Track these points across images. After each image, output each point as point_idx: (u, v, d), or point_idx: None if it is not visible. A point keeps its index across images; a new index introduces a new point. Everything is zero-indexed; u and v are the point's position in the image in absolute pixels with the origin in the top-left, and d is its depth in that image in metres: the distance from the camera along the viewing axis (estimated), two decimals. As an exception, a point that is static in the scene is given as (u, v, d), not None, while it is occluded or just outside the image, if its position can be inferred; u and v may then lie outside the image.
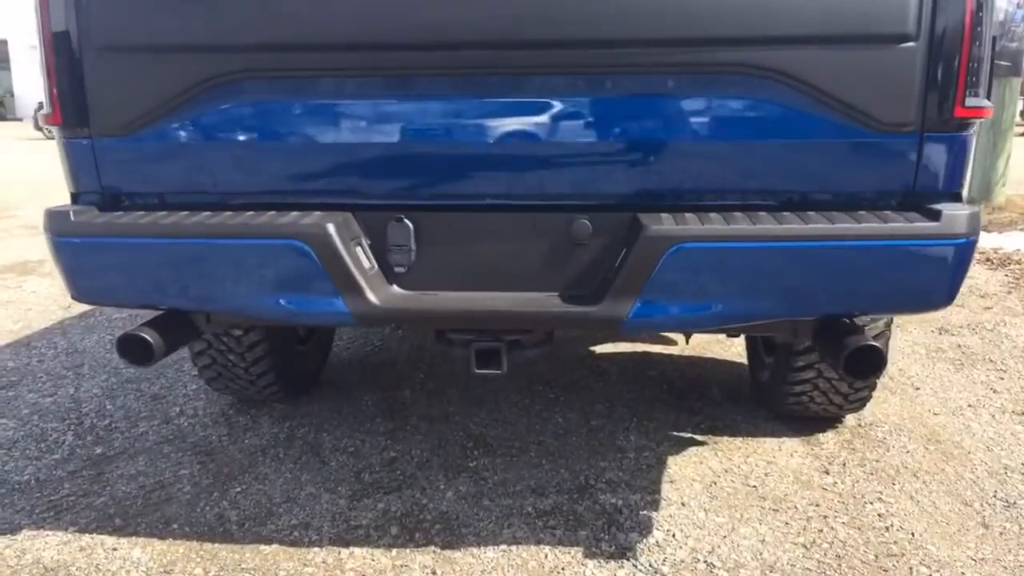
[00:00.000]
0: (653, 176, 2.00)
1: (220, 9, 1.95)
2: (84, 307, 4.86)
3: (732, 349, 3.87)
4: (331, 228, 1.96)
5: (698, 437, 2.98)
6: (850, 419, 3.10)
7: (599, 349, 3.94)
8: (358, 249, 2.05)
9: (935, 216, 1.86)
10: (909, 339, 4.08)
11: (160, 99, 2.01)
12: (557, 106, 1.97)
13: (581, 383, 3.48)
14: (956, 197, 1.98)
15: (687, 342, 3.83)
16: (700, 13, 1.85)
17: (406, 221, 2.07)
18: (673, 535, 2.35)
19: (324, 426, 3.11)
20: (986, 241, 6.68)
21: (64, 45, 2.00)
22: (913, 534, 2.35)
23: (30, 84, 37.70)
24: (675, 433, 3.02)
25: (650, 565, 2.21)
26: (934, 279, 1.89)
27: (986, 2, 1.83)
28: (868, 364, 1.92)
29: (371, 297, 1.98)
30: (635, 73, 1.93)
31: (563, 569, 2.19)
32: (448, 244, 2.09)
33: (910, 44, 1.83)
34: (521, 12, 1.88)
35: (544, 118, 1.98)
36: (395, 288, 2.10)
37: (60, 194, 2.21)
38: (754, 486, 2.63)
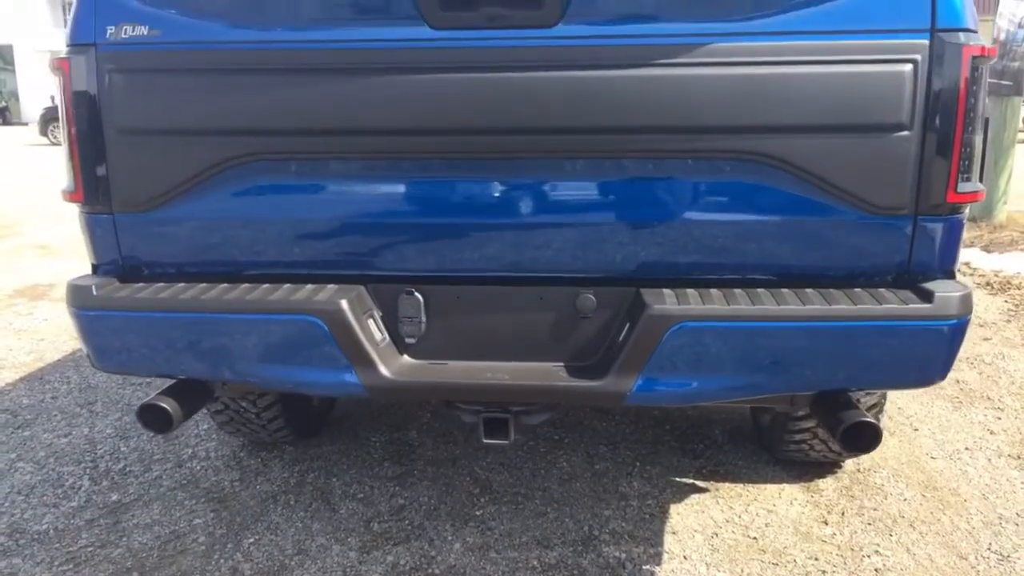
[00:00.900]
0: (656, 253, 2.07)
1: (234, 97, 2.02)
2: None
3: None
4: (344, 305, 2.03)
5: (700, 483, 3.05)
6: (849, 463, 3.16)
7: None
8: (370, 322, 2.12)
9: (928, 298, 1.93)
10: (908, 375, 4.14)
11: (178, 179, 2.08)
12: (562, 187, 2.04)
13: (585, 423, 3.55)
14: (950, 274, 2.04)
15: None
16: (705, 104, 1.91)
17: (416, 294, 2.14)
18: (675, 591, 2.42)
19: (334, 470, 3.18)
20: (986, 263, 6.74)
21: (87, 127, 2.07)
22: (909, 591, 2.41)
23: (35, 88, 37.86)
24: (677, 479, 3.08)
25: (653, 624, 2.27)
26: (927, 358, 1.96)
27: (979, 93, 1.89)
28: (864, 439, 1.98)
29: (383, 371, 2.05)
30: (641, 158, 1.99)
31: (568, 628, 2.26)
32: (457, 316, 2.16)
33: (904, 133, 1.90)
34: (528, 101, 1.94)
35: (549, 198, 2.05)
36: (406, 358, 2.17)
37: (67, 211, 2.25)
38: (755, 537, 2.69)
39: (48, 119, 27.07)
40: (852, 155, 1.92)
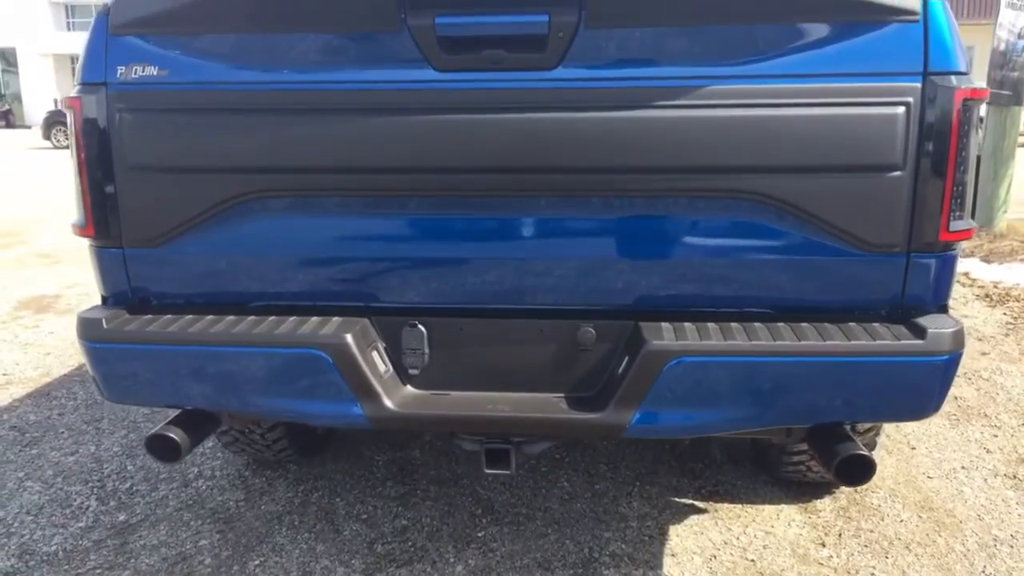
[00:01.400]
0: (655, 288, 2.11)
1: (241, 136, 2.07)
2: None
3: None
4: (349, 339, 2.07)
5: (699, 504, 3.09)
6: (846, 484, 3.20)
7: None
8: (374, 354, 2.16)
9: (921, 334, 1.97)
10: (906, 391, 4.18)
11: (187, 215, 2.12)
12: (562, 224, 2.08)
13: (586, 442, 3.59)
14: (943, 308, 2.09)
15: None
16: (701, 145, 1.95)
17: (420, 326, 2.18)
18: (674, 615, 2.46)
19: (337, 490, 3.22)
20: (986, 273, 6.78)
21: (98, 164, 2.12)
22: (904, 615, 2.45)
23: (38, 91, 38.02)
24: (677, 499, 3.12)
25: (651, 649, 2.31)
26: (919, 392, 2.00)
27: (970, 133, 1.93)
28: (858, 472, 2.02)
29: (387, 403, 2.09)
30: (638, 196, 2.03)
31: (568, 653, 2.30)
32: (460, 347, 2.20)
33: (897, 173, 1.94)
34: (529, 141, 1.99)
35: (549, 234, 2.09)
36: (409, 388, 2.21)
37: (71, 218, 2.28)
38: (752, 560, 2.73)
39: (51, 123, 27.15)
40: (846, 194, 1.96)
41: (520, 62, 1.98)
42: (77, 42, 38.83)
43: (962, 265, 6.58)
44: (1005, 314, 5.61)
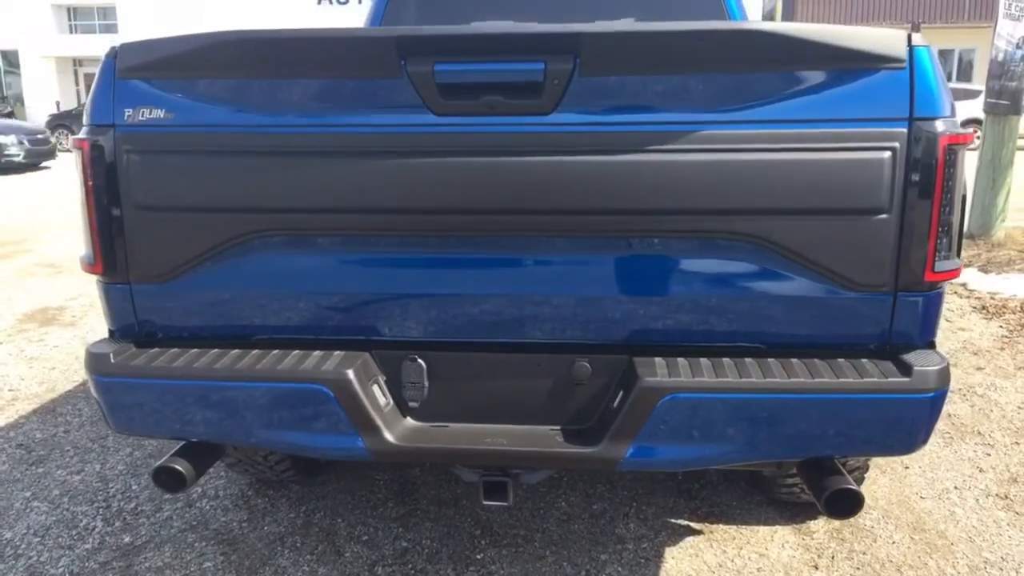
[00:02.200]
0: (648, 324, 2.16)
1: (244, 177, 2.12)
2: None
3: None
4: (351, 374, 2.13)
5: (694, 525, 3.14)
6: (840, 504, 3.24)
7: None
8: (375, 387, 2.21)
9: (907, 371, 2.02)
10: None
11: (192, 253, 2.17)
12: (557, 263, 2.13)
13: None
14: (931, 344, 2.14)
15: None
16: (692, 187, 2.00)
17: (419, 360, 2.24)
18: (668, 640, 2.51)
19: (339, 510, 3.27)
20: (983, 284, 6.82)
21: (105, 203, 2.17)
22: (894, 640, 2.50)
23: (40, 93, 38.04)
24: (673, 520, 3.17)
25: (646, 674, 2.37)
26: (906, 428, 2.05)
27: (956, 176, 1.98)
28: (847, 504, 2.07)
29: (387, 437, 2.14)
30: (633, 236, 2.09)
31: None
32: (458, 380, 2.25)
33: (883, 216, 1.99)
34: (525, 183, 2.04)
35: (544, 272, 2.14)
36: (409, 420, 2.26)
37: (76, 223, 2.32)
38: (746, 583, 2.79)
39: (53, 126, 27.22)
40: (834, 236, 2.01)
41: (516, 107, 2.03)
42: (79, 45, 38.88)
43: (959, 275, 6.65)
44: (1001, 327, 5.65)
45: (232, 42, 2.07)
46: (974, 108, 14.98)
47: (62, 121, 27.28)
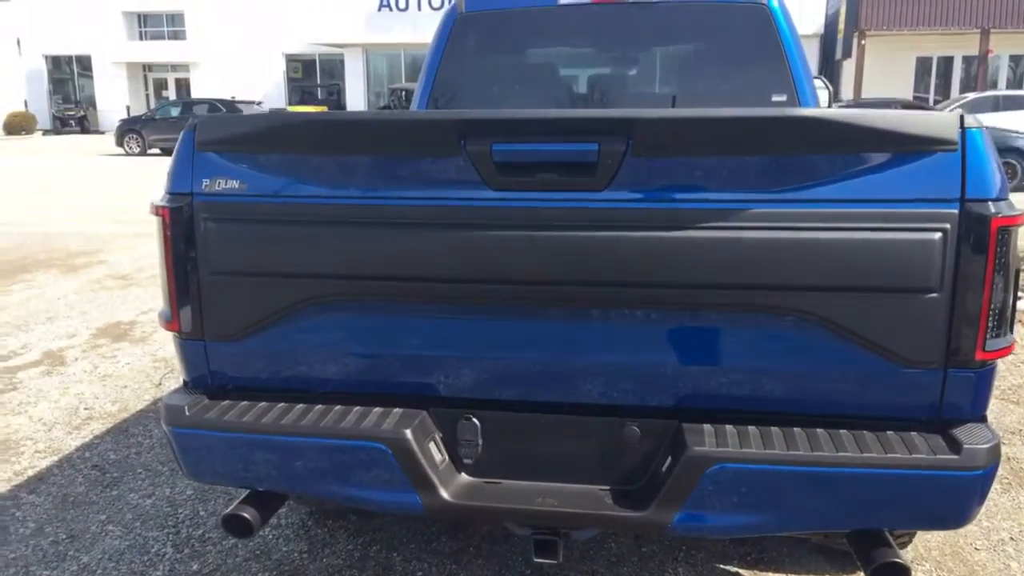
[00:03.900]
0: (698, 392, 2.21)
1: (313, 246, 2.24)
2: (175, 385, 5.26)
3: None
4: (409, 434, 2.23)
5: (743, 572, 3.17)
6: (891, 554, 3.24)
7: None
8: (431, 444, 2.31)
9: (957, 448, 2.04)
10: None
11: (263, 315, 2.30)
12: (610, 332, 2.19)
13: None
14: (982, 419, 2.15)
15: None
16: (744, 264, 2.05)
17: (474, 419, 2.33)
18: None
19: (394, 544, 3.39)
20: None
21: (183, 267, 2.31)
22: None
23: (111, 97, 39.38)
24: (721, 566, 3.21)
25: None
26: (954, 504, 2.07)
27: (1008, 256, 1.99)
28: (894, 576, 2.10)
29: (442, 494, 2.24)
30: (683, 310, 2.14)
31: None
32: (511, 440, 2.34)
33: (934, 295, 2.01)
34: (578, 256, 2.12)
35: (597, 341, 2.21)
36: (463, 476, 2.36)
37: (147, 231, 2.48)
38: (793, 636, 2.81)
39: (124, 131, 28.16)
40: (885, 313, 2.04)
41: (570, 184, 2.11)
42: (148, 51, 40.11)
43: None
44: (1066, 361, 5.51)
45: (302, 123, 2.18)
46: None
47: (132, 127, 28.20)
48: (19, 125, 36.81)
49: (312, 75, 39.62)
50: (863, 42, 26.55)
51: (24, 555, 3.33)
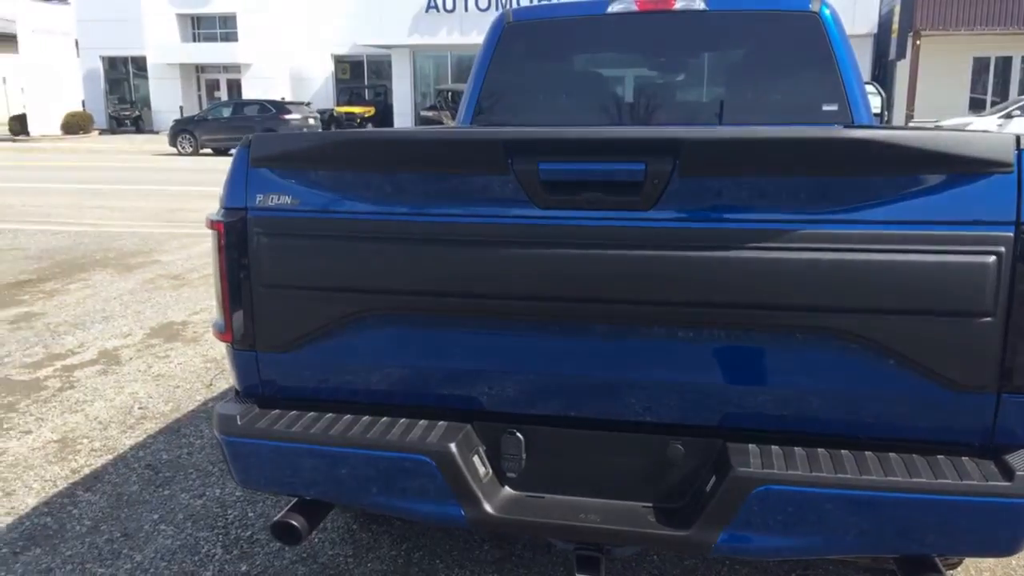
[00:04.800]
0: (743, 411, 2.20)
1: (363, 261, 2.28)
2: (224, 386, 5.39)
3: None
4: (453, 448, 2.25)
5: (787, 589, 3.14)
6: (941, 575, 3.18)
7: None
8: (475, 458, 2.33)
9: (1009, 475, 2.00)
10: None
11: (313, 327, 2.35)
12: (656, 350, 2.20)
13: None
14: (1036, 445, 2.11)
15: None
16: (792, 285, 2.04)
17: (518, 434, 2.35)
18: None
19: (437, 550, 3.42)
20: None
21: (237, 280, 2.37)
22: None
23: (165, 98, 40.30)
24: (765, 582, 3.19)
25: None
26: (1005, 531, 2.03)
27: (1062, 281, 1.95)
28: (942, 602, 2.07)
29: (486, 508, 2.26)
30: (728, 329, 2.14)
31: None
32: (555, 456, 2.35)
33: (988, 319, 1.97)
34: (624, 274, 2.12)
35: (641, 359, 2.21)
36: (506, 490, 2.38)
37: (199, 232, 2.55)
38: (838, 656, 2.78)
39: (177, 131, 28.79)
40: (936, 336, 2.01)
41: (617, 203, 2.11)
42: (202, 52, 40.92)
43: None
44: None
45: (353, 141, 2.22)
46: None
47: (184, 126, 28.83)
48: (77, 124, 37.86)
49: (360, 76, 40.14)
50: (918, 42, 25.98)
51: (80, 552, 3.44)
